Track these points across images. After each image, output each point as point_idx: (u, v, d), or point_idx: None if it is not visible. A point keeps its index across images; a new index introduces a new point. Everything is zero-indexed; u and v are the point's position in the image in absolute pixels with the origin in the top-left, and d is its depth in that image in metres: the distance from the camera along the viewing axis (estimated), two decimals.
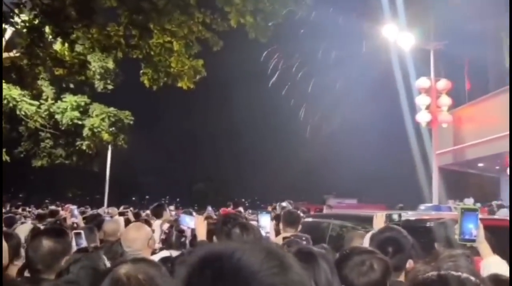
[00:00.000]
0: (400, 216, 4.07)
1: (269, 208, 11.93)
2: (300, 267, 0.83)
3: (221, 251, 0.80)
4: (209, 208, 13.12)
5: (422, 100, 16.03)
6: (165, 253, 3.51)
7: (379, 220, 3.51)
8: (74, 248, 3.11)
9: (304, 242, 3.31)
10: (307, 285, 0.83)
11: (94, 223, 5.39)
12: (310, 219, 6.69)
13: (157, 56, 9.67)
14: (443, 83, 16.07)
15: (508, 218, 6.70)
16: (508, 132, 13.61)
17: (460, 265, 1.74)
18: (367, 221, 4.01)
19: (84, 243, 3.35)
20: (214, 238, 3.61)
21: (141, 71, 10.48)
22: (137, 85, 11.33)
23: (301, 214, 8.00)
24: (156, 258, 3.01)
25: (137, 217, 9.48)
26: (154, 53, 9.63)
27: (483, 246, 2.23)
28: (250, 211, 18.14)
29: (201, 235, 3.53)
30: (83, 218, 6.49)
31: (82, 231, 3.57)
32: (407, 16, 17.58)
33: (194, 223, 3.74)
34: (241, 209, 14.29)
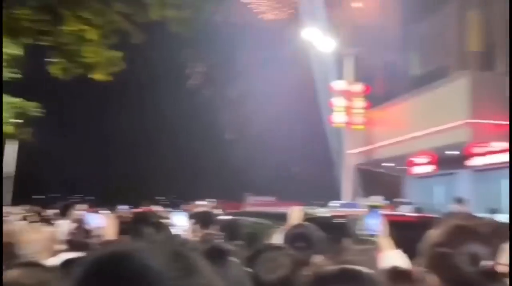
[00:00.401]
0: (315, 212, 4.22)
1: (190, 207, 11.83)
2: (209, 271, 0.80)
3: (121, 252, 0.74)
4: (124, 206, 12.74)
5: (338, 102, 16.75)
6: (68, 255, 3.31)
7: (294, 216, 3.58)
8: None
9: (219, 240, 3.30)
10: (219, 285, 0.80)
11: None
12: (227, 217, 6.71)
13: (69, 44, 9.11)
14: (358, 87, 16.91)
15: (410, 215, 7.19)
16: (411, 136, 14.66)
17: (362, 259, 1.82)
18: (283, 218, 4.09)
19: None
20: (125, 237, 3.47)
21: (52, 60, 9.83)
22: (49, 75, 10.64)
23: (219, 212, 8.02)
24: (57, 260, 2.83)
25: (40, 216, 8.93)
26: (66, 41, 9.06)
27: (384, 241, 2.35)
28: (167, 210, 17.83)
29: (111, 235, 3.38)
30: None
31: None
32: (327, 20, 18.24)
33: (104, 222, 3.58)
34: (157, 207, 14.02)
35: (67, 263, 2.53)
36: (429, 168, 17.78)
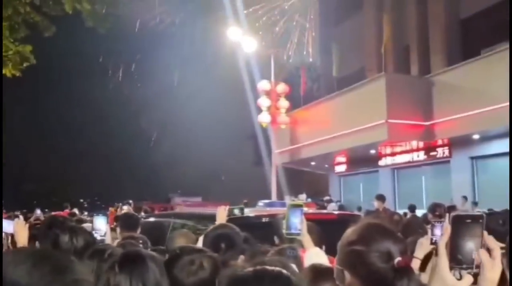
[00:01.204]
0: (242, 210, 4.19)
1: (112, 210, 11.37)
2: (79, 264, 0.75)
3: None
4: (38, 211, 12.01)
5: (263, 102, 16.95)
6: None
7: (221, 215, 3.54)
8: None
9: (141, 245, 3.17)
10: (91, 281, 0.75)
11: None
12: (152, 219, 6.53)
13: None
14: (282, 87, 17.22)
15: (330, 212, 7.41)
16: (334, 135, 15.20)
17: (279, 259, 1.83)
18: (209, 218, 4.03)
19: None
20: (37, 244, 3.25)
21: None
22: None
23: (143, 214, 7.79)
24: None
25: None
26: None
27: (306, 239, 2.38)
28: (87, 213, 17.08)
29: (22, 242, 3.14)
30: None
31: None
32: (249, 20, 18.41)
33: (13, 228, 3.31)
34: (75, 210, 13.37)
35: None
36: (351, 166, 18.53)
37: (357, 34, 18.42)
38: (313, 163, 19.24)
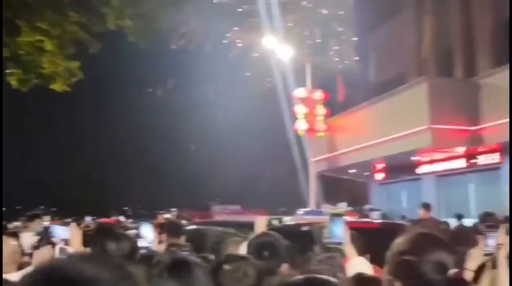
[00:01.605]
0: (281, 220, 4.22)
1: (158, 219, 11.61)
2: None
3: (61, 265, 0.78)
4: (88, 218, 12.44)
5: (299, 110, 16.90)
6: (31, 269, 3.19)
7: (260, 225, 3.58)
8: None
9: (185, 252, 3.26)
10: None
11: None
12: (193, 227, 6.65)
13: (26, 55, 8.88)
14: (319, 94, 17.12)
15: (376, 221, 7.32)
16: (374, 142, 14.96)
17: (327, 267, 1.84)
18: (249, 226, 4.08)
19: None
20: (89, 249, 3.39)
21: (8, 71, 9.55)
22: (5, 87, 10.31)
23: (186, 222, 7.92)
24: (20, 275, 2.73)
25: (3, 229, 8.63)
26: (23, 52, 8.83)
27: (349, 248, 2.38)
28: (132, 220, 17.49)
29: (76, 247, 3.29)
30: None
31: None
32: (285, 27, 18.44)
33: (68, 234, 3.47)
34: (121, 218, 13.74)
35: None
36: (393, 174, 18.14)
37: (396, 38, 18.12)
38: (352, 171, 18.97)
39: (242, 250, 2.87)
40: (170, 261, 1.99)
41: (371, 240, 3.07)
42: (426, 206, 8.72)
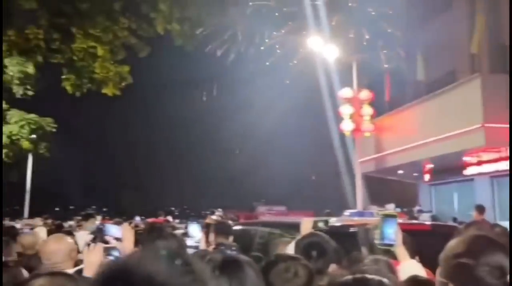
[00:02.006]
0: (326, 222, 4.19)
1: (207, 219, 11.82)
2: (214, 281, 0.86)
3: (128, 263, 0.79)
4: (137, 218, 12.81)
5: (345, 110, 16.68)
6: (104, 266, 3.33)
7: (306, 226, 3.58)
8: None
9: (234, 252, 3.30)
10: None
11: (8, 235, 5.07)
12: (239, 227, 6.71)
13: (80, 61, 9.30)
14: (365, 94, 16.84)
15: (426, 223, 7.12)
16: (423, 142, 14.56)
17: (376, 268, 1.82)
18: (295, 227, 4.08)
19: None
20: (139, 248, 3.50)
21: (63, 77, 10.03)
22: (60, 91, 10.82)
23: (232, 222, 8.02)
24: (78, 270, 2.87)
25: (60, 228, 9.05)
26: (77, 58, 9.25)
27: (401, 250, 2.33)
28: (180, 220, 17.87)
29: (129, 246, 3.40)
30: None
31: None
32: (331, 27, 18.27)
33: (121, 233, 3.60)
34: (169, 218, 14.06)
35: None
36: (443, 175, 17.58)
37: (446, 35, 17.54)
38: (400, 172, 18.54)
39: (290, 250, 2.89)
40: (222, 259, 2.03)
41: (421, 243, 3.01)
42: (480, 208, 8.44)
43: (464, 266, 1.33)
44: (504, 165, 14.64)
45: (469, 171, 15.91)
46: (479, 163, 15.51)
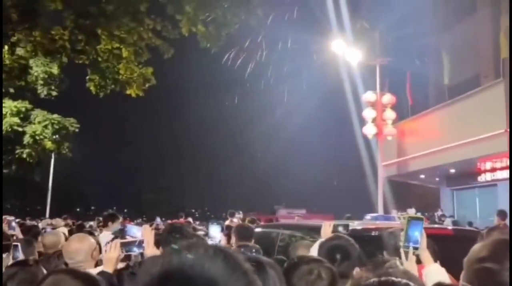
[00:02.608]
0: (347, 226, 4.15)
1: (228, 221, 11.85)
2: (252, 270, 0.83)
3: (180, 264, 0.75)
4: (158, 219, 12.89)
5: (368, 114, 16.54)
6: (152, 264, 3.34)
7: (326, 230, 3.56)
8: (11, 261, 2.97)
9: (254, 253, 3.29)
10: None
11: (31, 234, 5.16)
12: (260, 229, 6.69)
13: (104, 62, 9.40)
14: (388, 98, 16.67)
15: (448, 228, 7.00)
16: (446, 146, 14.34)
17: (402, 271, 1.79)
18: (315, 230, 4.05)
19: (20, 256, 3.19)
20: (161, 249, 3.51)
21: (87, 77, 10.18)
22: (84, 92, 10.98)
23: (253, 225, 8.02)
24: (98, 270, 2.90)
25: (81, 228, 9.17)
26: (101, 59, 9.36)
27: (425, 254, 2.30)
28: (200, 222, 17.94)
29: (150, 246, 3.41)
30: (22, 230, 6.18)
31: (18, 244, 3.40)
32: (354, 31, 18.18)
33: (142, 234, 3.62)
34: (190, 219, 14.13)
35: (103, 274, 2.61)
36: (466, 179, 17.29)
37: (470, 39, 17.27)
38: (422, 176, 18.29)
39: (314, 252, 2.86)
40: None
41: (443, 247, 2.97)
42: (501, 214, 8.29)
43: (487, 271, 1.31)
44: None
45: (494, 176, 15.61)
46: (503, 168, 15.20)
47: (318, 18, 19.55)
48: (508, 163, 14.91)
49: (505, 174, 15.23)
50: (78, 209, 54.28)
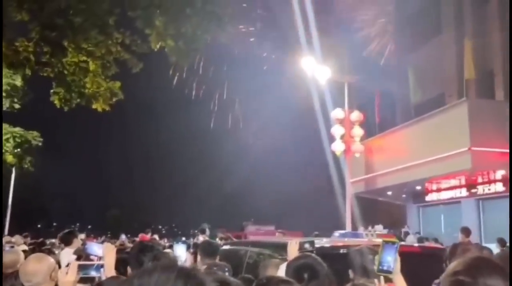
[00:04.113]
0: (312, 243, 4.12)
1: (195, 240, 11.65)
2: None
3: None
4: (123, 236, 12.60)
5: (337, 131, 16.72)
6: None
7: (292, 248, 3.53)
8: None
9: (226, 272, 3.21)
10: None
11: None
12: (227, 247, 6.59)
13: (70, 75, 9.17)
14: (356, 115, 16.92)
15: (415, 245, 7.08)
16: (412, 164, 14.63)
17: None
18: (284, 248, 4.01)
19: None
20: (128, 268, 3.37)
21: (52, 91, 9.89)
22: (49, 105, 10.66)
23: (220, 242, 7.90)
24: None
25: (42, 245, 8.84)
26: (67, 72, 9.13)
27: (398, 278, 2.28)
28: (166, 239, 17.61)
29: (110, 269, 3.24)
30: None
31: None
32: (323, 49, 18.47)
33: (103, 253, 3.46)
34: (156, 236, 13.86)
35: None
36: (431, 197, 17.66)
37: (436, 60, 17.83)
38: (389, 193, 18.57)
39: (281, 272, 2.81)
40: (214, 282, 1.95)
41: (409, 265, 2.97)
42: (465, 231, 8.48)
43: (461, 283, 1.37)
44: (490, 188, 14.78)
45: (458, 193, 16.00)
46: (467, 186, 15.62)
47: (286, 35, 19.81)
48: (467, 181, 15.36)
49: (469, 191, 15.67)
50: (39, 225, 52.52)
